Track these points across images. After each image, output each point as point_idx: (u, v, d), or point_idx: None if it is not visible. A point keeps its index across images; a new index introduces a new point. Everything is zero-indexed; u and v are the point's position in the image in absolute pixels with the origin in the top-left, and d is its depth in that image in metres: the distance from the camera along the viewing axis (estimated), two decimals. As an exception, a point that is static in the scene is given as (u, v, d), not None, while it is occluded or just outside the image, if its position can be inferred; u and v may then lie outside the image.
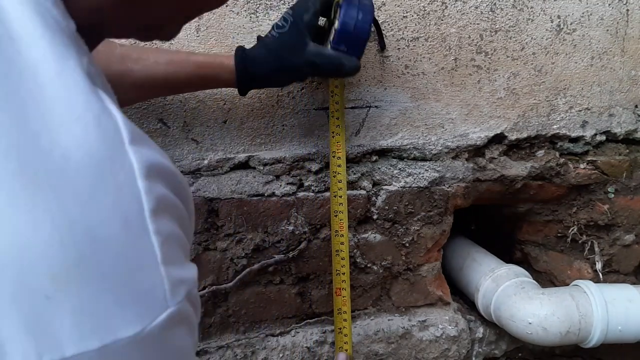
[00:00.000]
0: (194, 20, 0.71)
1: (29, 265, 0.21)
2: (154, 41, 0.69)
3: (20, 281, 0.21)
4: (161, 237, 0.25)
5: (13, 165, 0.22)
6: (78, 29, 0.28)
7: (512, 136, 0.83)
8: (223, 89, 0.74)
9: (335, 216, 0.77)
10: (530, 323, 0.78)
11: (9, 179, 0.21)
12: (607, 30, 0.82)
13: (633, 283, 0.87)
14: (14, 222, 0.21)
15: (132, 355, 0.24)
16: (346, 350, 0.83)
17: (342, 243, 0.79)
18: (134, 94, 0.63)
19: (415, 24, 0.76)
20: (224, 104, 0.75)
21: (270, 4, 0.73)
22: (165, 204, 0.26)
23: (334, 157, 0.76)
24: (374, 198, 0.82)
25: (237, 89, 0.66)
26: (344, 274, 0.80)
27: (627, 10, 0.82)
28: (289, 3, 0.73)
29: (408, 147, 0.81)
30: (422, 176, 0.82)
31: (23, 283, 0.21)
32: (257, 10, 0.72)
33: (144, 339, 0.24)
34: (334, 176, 0.76)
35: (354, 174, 0.80)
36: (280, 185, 0.79)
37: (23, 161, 0.22)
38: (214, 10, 0.71)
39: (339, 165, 0.76)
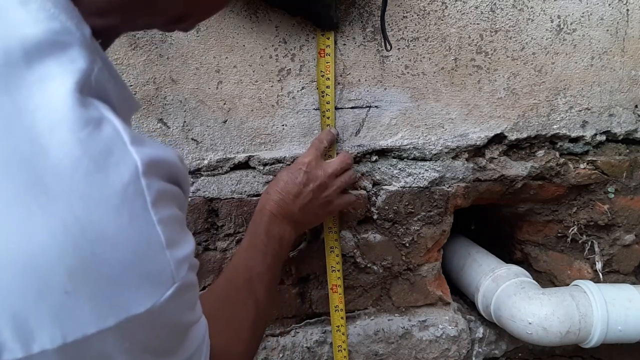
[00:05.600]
0: (194, 20, 0.71)
1: (48, 268, 0.24)
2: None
3: (42, 281, 0.24)
4: (163, 224, 0.29)
5: (25, 178, 0.24)
6: (93, 32, 0.30)
7: (512, 136, 0.83)
8: (223, 89, 0.74)
9: None
10: (530, 323, 0.78)
11: (22, 193, 0.24)
12: (607, 30, 0.82)
13: (633, 283, 0.87)
14: (30, 231, 0.24)
15: (145, 326, 0.29)
16: (344, 349, 0.83)
17: (335, 240, 0.80)
18: None
19: (415, 24, 0.76)
20: (224, 104, 0.75)
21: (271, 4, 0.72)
22: (164, 194, 0.30)
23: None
24: (374, 198, 0.82)
25: None
26: (338, 270, 0.80)
27: (627, 10, 0.82)
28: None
29: (408, 147, 0.81)
30: (422, 176, 0.82)
31: (45, 282, 0.24)
32: (257, 10, 0.72)
33: (154, 312, 0.28)
34: None
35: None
36: (280, 185, 0.79)
37: (35, 175, 0.25)
38: (214, 10, 0.71)
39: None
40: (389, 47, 0.74)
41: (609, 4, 0.81)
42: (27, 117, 0.25)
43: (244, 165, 0.78)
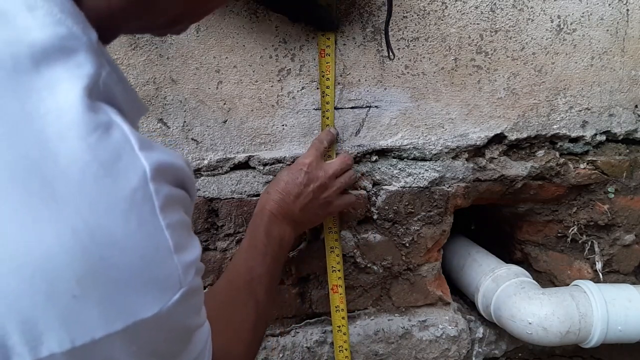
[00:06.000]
0: (194, 20, 0.71)
1: (57, 272, 0.24)
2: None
3: (50, 285, 0.24)
4: (171, 228, 0.29)
5: (35, 184, 0.24)
6: (111, 22, 0.30)
7: (512, 136, 0.83)
8: (223, 89, 0.74)
9: None
10: (530, 323, 0.78)
11: (31, 197, 0.24)
12: (607, 30, 0.82)
13: (633, 283, 0.87)
14: (40, 235, 0.24)
15: (152, 330, 0.29)
16: (345, 349, 0.83)
17: (336, 240, 0.80)
18: None
19: (415, 24, 0.76)
20: (224, 104, 0.75)
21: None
22: (172, 199, 0.30)
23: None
24: (374, 198, 0.82)
25: None
26: (339, 270, 0.80)
27: (627, 10, 0.82)
28: (289, 3, 0.73)
29: (408, 147, 0.81)
30: (422, 176, 0.82)
31: (53, 287, 0.24)
32: (257, 10, 0.72)
33: (162, 316, 0.28)
34: None
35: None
36: (280, 185, 0.79)
37: (43, 180, 0.25)
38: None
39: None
40: (392, 57, 0.74)
41: (609, 4, 0.81)
42: (36, 122, 0.25)
43: (244, 165, 0.78)
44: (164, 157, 0.30)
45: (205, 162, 0.76)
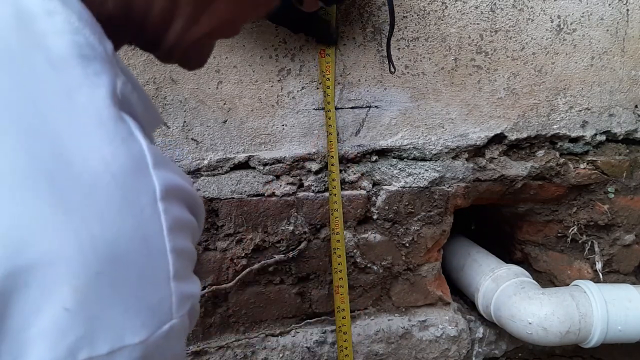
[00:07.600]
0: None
1: (54, 278, 0.24)
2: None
3: (45, 292, 0.23)
4: (175, 254, 0.28)
5: (44, 190, 0.24)
6: (111, 33, 0.30)
7: (512, 136, 0.83)
8: (223, 89, 0.74)
9: (332, 214, 0.78)
10: (530, 323, 0.78)
11: (40, 203, 0.24)
12: (607, 30, 0.82)
13: (633, 283, 0.87)
14: (43, 240, 0.24)
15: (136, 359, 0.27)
16: (346, 348, 0.83)
17: (338, 241, 0.80)
18: None
19: (415, 24, 0.76)
20: (224, 104, 0.75)
21: (270, 4, 0.72)
22: (181, 223, 0.29)
23: (329, 156, 0.77)
24: (374, 198, 0.82)
25: None
26: (340, 271, 0.81)
27: (627, 10, 0.82)
28: (289, 3, 0.73)
29: (408, 147, 0.81)
30: (422, 176, 0.82)
31: (48, 294, 0.23)
32: (257, 10, 0.72)
33: (147, 346, 0.27)
34: (329, 175, 0.78)
35: (354, 173, 0.80)
36: (280, 185, 0.79)
37: (54, 186, 0.24)
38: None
39: (332, 164, 0.77)
40: (393, 70, 0.74)
41: (609, 4, 0.81)
42: (53, 127, 0.25)
43: (244, 165, 0.78)
44: (176, 179, 0.29)
45: (205, 162, 0.76)
